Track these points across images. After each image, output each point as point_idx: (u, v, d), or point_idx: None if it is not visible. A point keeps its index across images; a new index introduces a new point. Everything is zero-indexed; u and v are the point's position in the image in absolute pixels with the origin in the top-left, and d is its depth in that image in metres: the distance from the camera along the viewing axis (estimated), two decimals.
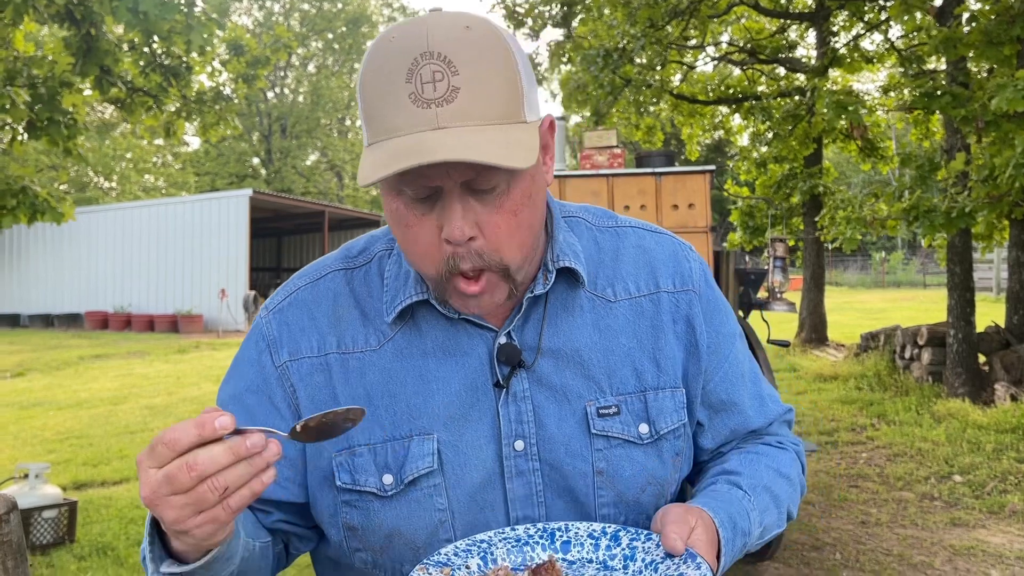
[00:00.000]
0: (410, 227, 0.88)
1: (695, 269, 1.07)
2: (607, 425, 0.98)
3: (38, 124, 4.32)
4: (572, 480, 0.98)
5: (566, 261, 0.99)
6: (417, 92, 0.82)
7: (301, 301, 1.03)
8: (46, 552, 4.48)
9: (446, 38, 0.83)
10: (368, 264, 1.04)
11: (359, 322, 1.00)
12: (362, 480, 0.96)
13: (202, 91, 7.16)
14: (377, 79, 0.84)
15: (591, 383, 0.99)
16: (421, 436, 0.96)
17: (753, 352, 4.38)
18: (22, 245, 23.73)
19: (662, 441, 1.01)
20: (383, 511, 0.96)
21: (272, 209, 23.54)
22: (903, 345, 9.32)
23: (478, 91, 0.82)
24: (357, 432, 0.96)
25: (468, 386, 0.97)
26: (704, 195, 4.00)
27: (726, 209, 20.25)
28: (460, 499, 0.96)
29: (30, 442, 7.66)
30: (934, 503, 5.32)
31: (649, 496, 1.01)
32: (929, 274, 32.39)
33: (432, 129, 0.81)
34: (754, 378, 1.11)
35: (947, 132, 8.32)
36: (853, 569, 4.26)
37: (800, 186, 12.12)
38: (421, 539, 0.96)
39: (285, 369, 0.99)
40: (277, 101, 42.67)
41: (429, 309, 0.98)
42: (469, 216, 0.86)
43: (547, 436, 0.97)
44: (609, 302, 1.02)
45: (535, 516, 0.98)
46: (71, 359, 14.63)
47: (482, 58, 0.83)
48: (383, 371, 0.98)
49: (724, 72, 15.66)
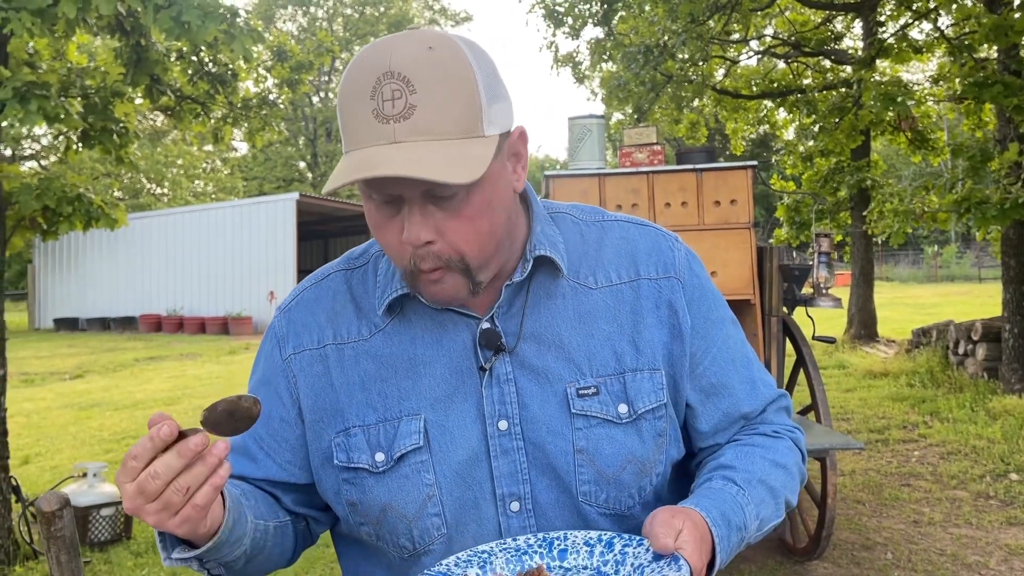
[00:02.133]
0: (380, 228, 0.97)
1: (679, 258, 1.12)
2: (587, 405, 1.04)
3: (91, 133, 4.45)
4: (554, 458, 1.03)
5: (542, 250, 1.05)
6: (378, 108, 0.89)
7: (305, 300, 1.14)
8: (104, 549, 4.62)
9: (407, 58, 0.90)
10: (366, 265, 1.13)
11: (354, 316, 1.09)
12: (356, 458, 1.04)
13: (248, 97, 7.30)
14: (348, 95, 0.92)
15: (571, 365, 1.05)
16: (409, 416, 1.03)
17: (798, 347, 4.34)
18: (80, 251, 24.42)
19: (641, 421, 1.05)
20: (376, 487, 1.04)
21: (318, 212, 23.85)
22: (957, 341, 9.10)
23: (433, 108, 0.89)
24: (352, 415, 1.05)
25: (453, 370, 1.04)
26: (746, 191, 3.96)
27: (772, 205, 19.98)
28: (447, 475, 1.03)
29: (88, 442, 7.89)
30: (989, 502, 5.20)
31: (630, 475, 1.05)
32: (984, 267, 31.54)
33: (388, 143, 0.89)
34: (746, 362, 1.14)
35: (1000, 122, 8.11)
36: (905, 569, 4.18)
37: (847, 180, 11.89)
38: (411, 512, 1.03)
39: (289, 362, 1.09)
40: (322, 105, 43.25)
41: (416, 301, 1.06)
42: (429, 222, 0.94)
43: (529, 416, 1.03)
44: (590, 289, 1.08)
45: (520, 493, 1.03)
46: (127, 361, 15.02)
47: (440, 77, 0.90)
48: (375, 358, 1.06)
49: (768, 66, 15.45)
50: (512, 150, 1.01)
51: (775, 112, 14.99)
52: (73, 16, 3.60)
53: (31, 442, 7.86)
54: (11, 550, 4.25)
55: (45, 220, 4.45)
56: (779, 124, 15.48)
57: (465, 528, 1.04)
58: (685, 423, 1.13)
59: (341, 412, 1.06)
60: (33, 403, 10.35)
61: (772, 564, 4.28)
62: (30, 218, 4.40)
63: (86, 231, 4.59)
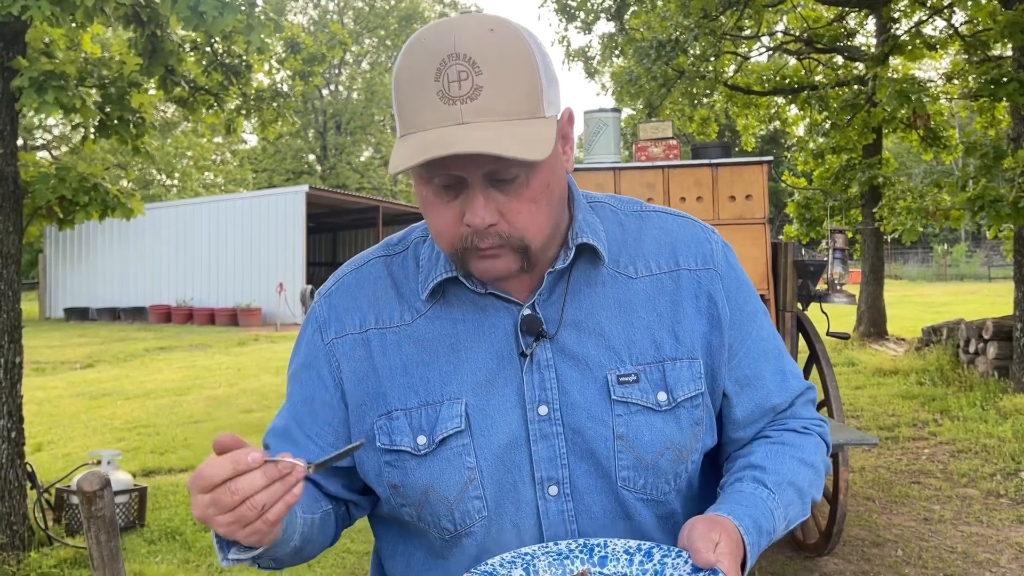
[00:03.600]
0: (435, 210, 0.98)
1: (716, 250, 1.14)
2: (627, 392, 1.05)
3: (108, 123, 4.47)
4: (593, 444, 1.05)
5: (584, 238, 1.07)
6: (444, 90, 0.90)
7: (346, 285, 1.15)
8: None
9: (471, 40, 0.90)
10: (405, 251, 1.15)
11: (395, 301, 1.11)
12: (399, 440, 1.05)
13: (261, 89, 7.31)
14: (409, 77, 0.93)
15: (612, 353, 1.06)
16: (451, 400, 1.05)
17: (811, 343, 4.34)
18: (91, 241, 24.52)
19: (679, 408, 1.07)
20: (418, 469, 1.05)
21: (327, 205, 23.89)
22: (967, 339, 9.07)
23: (499, 89, 0.90)
24: (395, 398, 1.07)
25: (495, 355, 1.06)
26: (762, 186, 3.96)
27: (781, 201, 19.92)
28: (487, 458, 1.04)
29: (100, 431, 7.94)
30: (1000, 500, 5.19)
31: (667, 461, 1.07)
32: (995, 267, 31.38)
33: (456, 124, 0.89)
34: (777, 354, 1.16)
35: (1014, 120, 8.06)
36: (915, 566, 4.18)
37: (859, 177, 11.85)
38: (453, 494, 1.04)
39: (332, 346, 1.11)
40: (332, 98, 43.27)
41: (459, 286, 1.07)
42: (491, 205, 0.95)
43: (569, 402, 1.05)
44: (630, 278, 1.09)
45: (558, 477, 1.05)
46: (137, 351, 15.09)
47: (504, 59, 0.91)
48: (417, 343, 1.08)
49: (780, 62, 15.39)
50: (563, 132, 1.02)
51: (786, 108, 14.94)
52: (91, 4, 3.62)
53: (43, 430, 7.92)
54: (26, 536, 4.28)
55: (62, 209, 4.47)
56: (790, 120, 15.42)
57: (503, 511, 1.05)
58: (720, 412, 1.15)
59: (384, 396, 1.07)
60: (45, 392, 10.41)
61: (783, 559, 4.29)
62: (47, 207, 4.42)
63: (102, 220, 4.61)
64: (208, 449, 7.05)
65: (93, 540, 1.32)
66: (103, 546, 1.30)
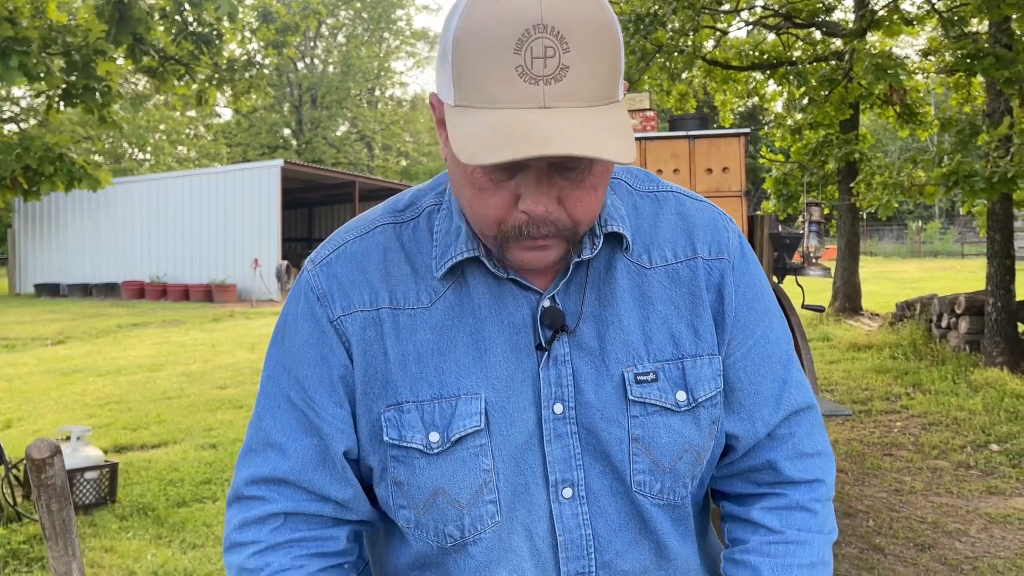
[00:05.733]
0: (484, 191, 0.87)
1: (732, 240, 1.05)
2: (645, 392, 0.98)
3: (73, 92, 4.36)
4: (608, 445, 0.98)
5: (614, 226, 0.99)
6: (525, 66, 0.79)
7: (351, 255, 1.02)
8: (88, 512, 4.60)
9: (560, 9, 0.79)
10: (416, 219, 1.02)
11: (410, 278, 0.99)
12: (409, 436, 0.96)
13: (233, 59, 7.17)
14: (478, 41, 0.80)
15: (630, 349, 0.98)
16: (469, 396, 0.96)
17: (787, 317, 4.34)
18: (61, 216, 24.14)
19: (699, 409, 1.00)
20: (428, 468, 0.96)
21: (303, 180, 23.67)
22: (940, 314, 9.18)
23: (587, 71, 0.80)
24: (406, 389, 0.97)
25: (513, 347, 0.97)
26: (739, 159, 3.94)
27: (759, 177, 19.98)
28: (504, 460, 0.96)
29: (71, 407, 7.84)
30: (970, 472, 5.27)
31: (685, 464, 1.00)
32: (967, 243, 31.78)
33: (538, 108, 0.79)
34: (784, 361, 1.06)
35: (989, 95, 8.11)
36: (886, 536, 4.23)
37: (836, 152, 11.89)
38: (465, 498, 0.96)
39: (340, 323, 0.99)
40: (307, 72, 42.72)
41: (478, 266, 0.98)
42: (552, 192, 0.86)
43: (584, 401, 0.97)
44: (644, 268, 1.01)
45: (573, 479, 0.98)
46: (109, 327, 14.91)
47: (593, 35, 0.81)
48: (434, 329, 0.98)
49: (758, 37, 15.35)
50: None
51: (765, 84, 14.92)
52: None
53: (13, 406, 7.80)
54: None
55: (26, 180, 4.36)
56: (768, 96, 15.41)
57: (516, 515, 0.98)
58: None
59: (393, 384, 0.97)
60: (15, 368, 10.26)
61: None
62: (11, 178, 4.31)
63: (68, 191, 4.51)
64: (182, 424, 6.95)
65: (44, 509, 1.28)
66: (55, 515, 1.26)
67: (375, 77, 43.64)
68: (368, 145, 44.32)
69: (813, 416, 1.09)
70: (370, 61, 42.72)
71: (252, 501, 1.00)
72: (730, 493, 1.11)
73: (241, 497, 1.00)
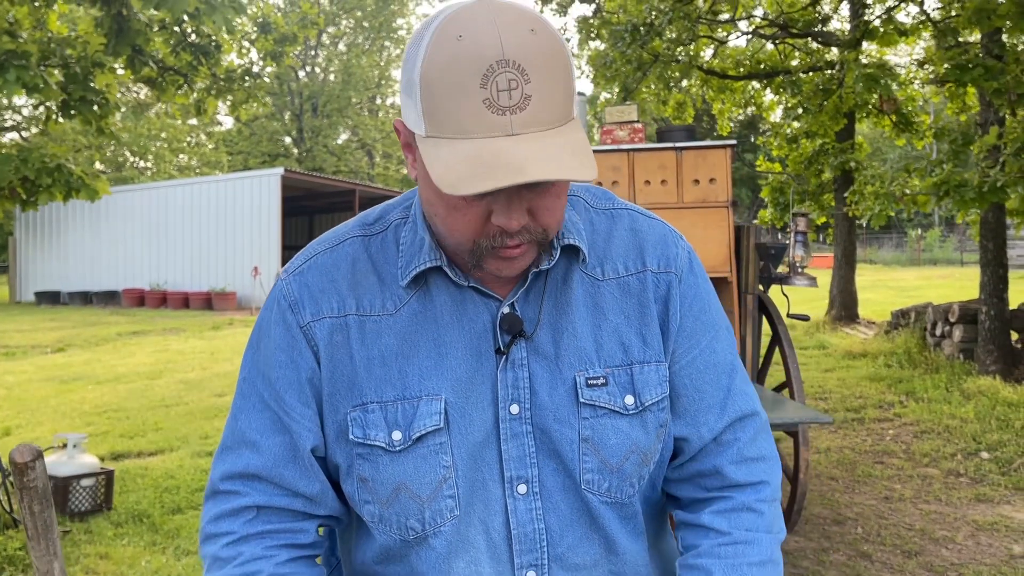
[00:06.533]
0: (458, 210, 0.93)
1: (681, 255, 1.12)
2: (595, 395, 1.04)
3: (71, 103, 4.42)
4: (559, 445, 1.04)
5: (571, 239, 1.05)
6: (492, 99, 0.85)
7: (321, 265, 1.08)
8: (84, 519, 4.64)
9: (518, 45, 0.85)
10: (385, 232, 1.09)
11: (376, 287, 1.06)
12: (372, 435, 1.02)
13: (231, 69, 7.23)
14: (445, 77, 0.86)
15: (582, 355, 1.05)
16: (430, 397, 1.02)
17: (773, 325, 4.39)
18: (62, 224, 24.22)
19: (646, 412, 1.06)
20: (391, 465, 1.02)
21: (304, 188, 23.74)
22: (934, 322, 9.21)
23: (546, 97, 0.86)
24: (370, 390, 1.03)
25: (473, 351, 1.03)
26: (725, 170, 4.00)
27: (758, 186, 20.03)
28: (463, 457, 1.02)
29: (69, 415, 7.88)
30: (960, 479, 5.30)
31: (632, 464, 1.06)
32: (966, 251, 31.78)
33: (504, 135, 0.85)
34: (728, 371, 1.13)
35: (982, 106, 8.16)
36: (874, 543, 4.27)
37: (831, 162, 11.95)
38: (426, 493, 1.02)
39: (308, 329, 1.05)
40: (308, 80, 42.86)
41: (441, 275, 1.04)
42: (522, 205, 0.92)
43: (539, 402, 1.03)
44: (597, 280, 1.08)
45: (528, 476, 1.04)
46: (109, 335, 14.96)
47: (549, 64, 0.87)
48: (398, 335, 1.04)
49: (756, 46, 15.43)
50: None
51: (762, 93, 15.00)
52: None
53: (12, 414, 7.85)
54: None
55: (24, 190, 4.42)
56: (765, 105, 15.49)
57: (473, 510, 1.04)
58: None
59: (359, 386, 1.03)
60: (14, 376, 10.31)
61: None
62: (9, 188, 4.37)
63: (66, 201, 4.57)
64: (179, 432, 6.98)
65: (27, 511, 1.33)
66: (36, 516, 1.31)
67: (376, 86, 43.77)
68: (369, 153, 44.43)
69: (757, 422, 1.15)
70: (371, 70, 42.86)
71: (227, 495, 1.05)
72: (682, 499, 1.16)
73: (217, 492, 1.06)
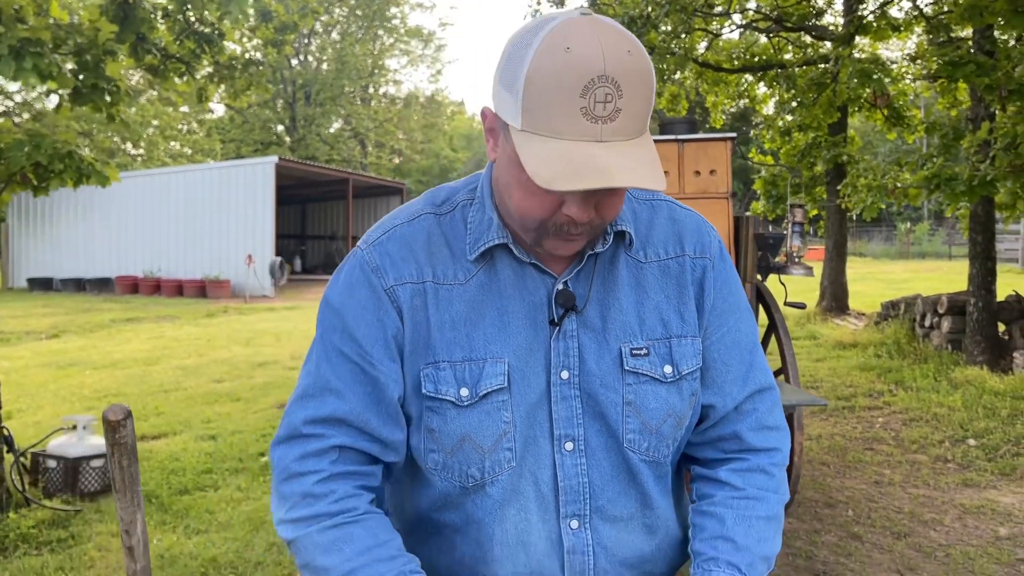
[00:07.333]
0: (535, 195, 1.06)
1: (713, 244, 1.26)
2: (638, 364, 1.17)
3: (83, 91, 4.49)
4: (605, 408, 1.17)
5: (623, 226, 1.19)
6: (588, 108, 0.97)
7: (400, 236, 1.20)
8: (94, 499, 4.73)
9: (618, 63, 0.97)
10: (453, 211, 1.22)
11: (448, 259, 1.18)
12: (444, 390, 1.15)
13: (234, 57, 7.28)
14: (550, 82, 0.97)
15: (627, 328, 1.18)
16: (494, 359, 1.15)
17: (770, 313, 4.51)
18: (55, 211, 24.15)
19: (683, 381, 1.19)
20: (458, 418, 1.15)
21: (297, 176, 23.74)
22: (923, 314, 9.37)
23: (633, 112, 0.99)
24: (441, 350, 1.15)
25: (530, 322, 1.17)
26: (725, 161, 4.10)
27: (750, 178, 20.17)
28: (520, 415, 1.16)
29: (69, 399, 7.95)
30: (947, 465, 5.45)
31: (669, 427, 1.20)
32: (955, 245, 32.05)
33: (594, 141, 0.98)
34: (750, 348, 1.26)
35: (973, 101, 8.30)
36: (864, 525, 4.41)
37: (824, 155, 12.08)
38: (488, 444, 1.15)
39: (393, 291, 1.17)
40: (301, 68, 42.71)
41: (505, 252, 1.17)
42: (592, 201, 1.06)
43: (587, 370, 1.16)
44: (640, 263, 1.21)
45: (574, 435, 1.17)
46: (103, 322, 14.99)
47: (639, 83, 0.99)
48: (467, 303, 1.17)
49: (750, 40, 15.54)
50: None
51: (755, 86, 15.11)
52: None
53: (12, 398, 7.90)
54: (4, 498, 4.35)
55: (36, 176, 4.49)
56: (759, 98, 15.60)
57: (526, 462, 1.17)
58: None
59: (432, 346, 1.15)
60: (11, 361, 10.36)
61: None
62: (21, 174, 4.44)
63: (77, 187, 4.64)
64: (180, 416, 7.06)
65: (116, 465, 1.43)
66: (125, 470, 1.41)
67: (369, 75, 43.66)
68: (361, 142, 44.34)
69: (773, 395, 1.29)
70: (364, 59, 42.72)
71: (310, 438, 1.15)
72: (701, 459, 1.29)
73: (300, 435, 1.16)
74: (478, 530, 1.18)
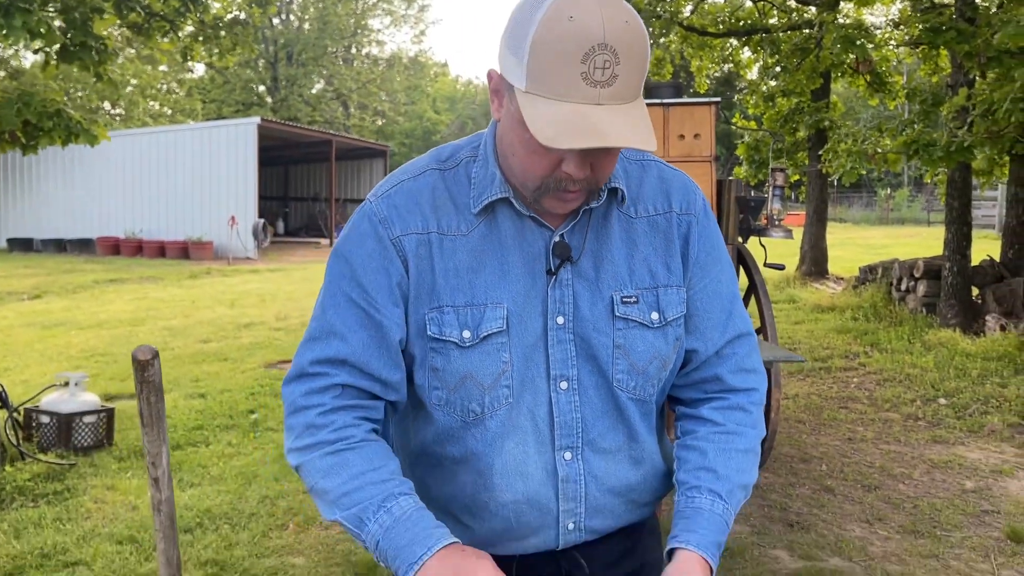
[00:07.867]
0: (537, 153, 1.14)
1: (699, 201, 1.35)
2: (627, 311, 1.28)
3: (71, 49, 4.48)
4: (596, 351, 1.27)
5: (616, 183, 1.28)
6: (588, 73, 1.06)
7: (407, 190, 1.29)
8: (88, 454, 4.82)
9: (617, 32, 1.05)
10: (457, 167, 1.30)
11: (452, 211, 1.27)
12: (447, 332, 1.24)
13: (219, 16, 7.23)
14: (552, 48, 1.06)
15: (618, 278, 1.28)
16: (494, 304, 1.24)
17: (750, 274, 4.64)
18: (35, 171, 23.87)
19: (668, 327, 1.30)
20: (460, 358, 1.25)
21: (280, 138, 23.56)
22: (900, 278, 9.56)
23: (628, 78, 1.08)
24: (446, 296, 1.24)
25: (529, 271, 1.26)
26: (709, 126, 4.19)
27: (733, 143, 20.25)
28: (518, 356, 1.26)
29: (56, 359, 8.00)
30: (918, 423, 5.64)
31: (654, 369, 1.30)
32: (934, 211, 32.36)
33: (592, 104, 1.07)
34: (731, 297, 1.36)
35: (953, 67, 8.40)
36: (837, 479, 4.59)
37: (806, 120, 12.18)
38: (488, 382, 1.25)
39: (398, 241, 1.25)
40: (283, 28, 42.10)
41: (506, 206, 1.26)
42: (589, 160, 1.14)
43: (580, 316, 1.27)
44: (631, 218, 1.31)
45: (568, 375, 1.27)
46: (86, 283, 14.95)
47: (636, 51, 1.07)
48: (470, 252, 1.26)
49: (735, 4, 15.52)
50: None
51: (740, 51, 15.13)
52: None
53: None
54: None
55: (25, 135, 4.50)
56: (743, 63, 15.63)
57: (523, 399, 1.27)
58: None
59: (437, 292, 1.24)
60: None
61: None
62: (10, 132, 4.45)
63: (65, 146, 4.65)
64: (169, 376, 7.11)
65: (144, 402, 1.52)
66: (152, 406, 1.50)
67: (352, 35, 43.12)
68: (344, 104, 43.93)
69: (751, 341, 1.40)
70: (347, 18, 42.17)
71: (315, 376, 1.26)
72: (685, 399, 1.41)
73: (306, 374, 1.26)
74: (479, 460, 1.28)
